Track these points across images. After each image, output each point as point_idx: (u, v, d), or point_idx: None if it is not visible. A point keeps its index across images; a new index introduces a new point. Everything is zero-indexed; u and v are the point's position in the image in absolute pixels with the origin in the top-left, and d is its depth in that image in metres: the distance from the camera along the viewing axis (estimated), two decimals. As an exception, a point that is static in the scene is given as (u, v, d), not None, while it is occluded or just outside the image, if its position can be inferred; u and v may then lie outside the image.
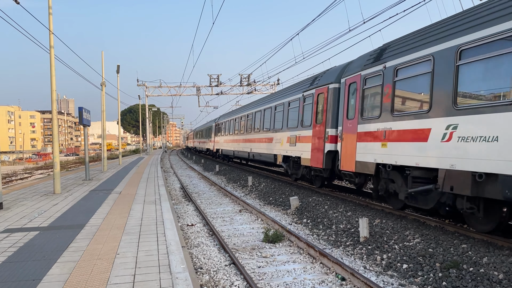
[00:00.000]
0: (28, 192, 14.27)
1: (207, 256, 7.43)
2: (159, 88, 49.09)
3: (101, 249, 6.44)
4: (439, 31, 8.00)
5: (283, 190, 14.86)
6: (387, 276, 6.24)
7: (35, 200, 12.10)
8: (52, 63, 13.55)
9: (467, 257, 6.24)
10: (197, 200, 14.47)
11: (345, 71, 11.97)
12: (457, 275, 5.67)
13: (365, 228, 7.98)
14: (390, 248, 7.21)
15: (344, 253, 7.59)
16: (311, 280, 6.15)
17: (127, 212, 9.73)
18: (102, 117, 25.71)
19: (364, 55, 11.20)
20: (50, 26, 13.67)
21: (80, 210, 10.09)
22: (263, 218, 10.58)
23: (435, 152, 7.71)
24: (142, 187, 15.16)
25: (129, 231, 7.74)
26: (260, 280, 6.21)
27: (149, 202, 11.27)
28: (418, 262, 6.40)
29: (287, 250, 7.79)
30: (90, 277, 5.15)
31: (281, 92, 18.90)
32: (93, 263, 5.71)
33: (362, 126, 10.43)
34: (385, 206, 10.64)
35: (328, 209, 10.72)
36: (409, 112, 8.63)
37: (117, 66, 30.85)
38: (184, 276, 5.16)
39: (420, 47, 8.40)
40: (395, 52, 9.30)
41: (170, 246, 6.60)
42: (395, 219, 9.05)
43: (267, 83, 46.64)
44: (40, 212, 9.93)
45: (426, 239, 7.33)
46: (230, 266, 6.84)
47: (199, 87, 48.86)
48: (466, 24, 7.27)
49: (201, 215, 11.28)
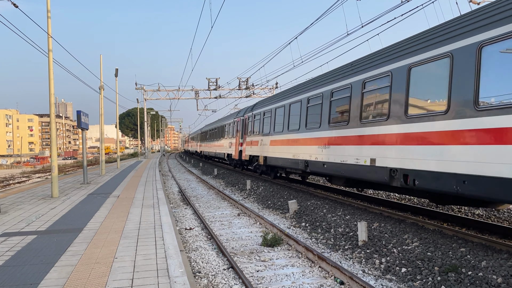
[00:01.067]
0: (26, 195, 14.23)
1: (206, 260, 7.41)
2: (157, 91, 49.16)
3: (99, 253, 6.42)
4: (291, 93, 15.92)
5: (281, 193, 14.85)
6: (386, 280, 6.23)
7: (32, 203, 12.06)
8: (51, 66, 13.55)
9: (466, 260, 6.23)
10: (196, 204, 14.44)
11: (244, 112, 24.19)
12: (455, 279, 5.66)
13: (363, 232, 7.97)
14: (388, 252, 7.20)
15: (343, 256, 7.58)
16: (309, 284, 6.14)
17: (125, 216, 9.71)
18: (100, 120, 25.69)
19: (248, 107, 24.50)
20: (49, 29, 13.68)
21: (78, 214, 10.05)
22: (261, 221, 10.57)
23: (259, 148, 19.52)
24: (140, 190, 15.13)
25: (127, 235, 7.72)
26: (259, 284, 6.19)
27: (147, 206, 11.25)
28: (416, 265, 6.39)
29: (286, 254, 7.77)
30: (88, 281, 5.13)
31: (225, 117, 33.23)
32: (91, 267, 5.69)
33: (249, 137, 21.91)
34: (384, 210, 10.64)
35: (327, 213, 10.71)
36: (256, 134, 20.46)
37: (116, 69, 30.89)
38: (183, 280, 5.15)
39: (270, 105, 18.64)
40: (256, 108, 21.26)
41: (168, 250, 6.58)
42: (394, 223, 9.05)
43: (266, 87, 46.75)
44: (37, 216, 9.89)
45: (424, 242, 7.33)
46: (228, 270, 6.82)
47: (197, 91, 48.96)
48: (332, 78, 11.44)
49: (200, 219, 11.25)
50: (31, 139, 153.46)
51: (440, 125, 7.57)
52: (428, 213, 10.30)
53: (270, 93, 47.58)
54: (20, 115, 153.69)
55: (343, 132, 11.07)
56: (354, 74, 10.82)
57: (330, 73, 12.56)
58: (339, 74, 11.78)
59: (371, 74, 10.03)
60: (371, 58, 10.32)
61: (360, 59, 10.97)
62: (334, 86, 11.79)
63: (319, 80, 13.15)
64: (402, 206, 11.45)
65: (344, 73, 11.45)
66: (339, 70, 11.92)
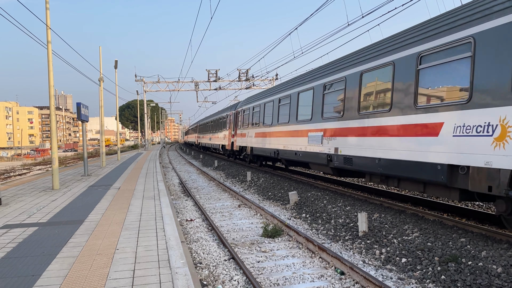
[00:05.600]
0: (27, 188, 14.25)
1: (207, 251, 7.44)
2: (157, 83, 48.98)
3: (101, 245, 6.44)
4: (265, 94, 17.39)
5: (282, 185, 14.87)
6: (386, 270, 6.26)
7: (33, 196, 12.09)
8: (50, 58, 13.49)
9: (466, 250, 6.26)
10: (196, 195, 14.47)
11: (236, 106, 26.47)
12: (455, 269, 5.69)
13: (364, 223, 7.99)
14: (389, 242, 7.23)
15: (343, 247, 7.61)
16: (310, 274, 6.17)
17: (126, 208, 9.73)
18: (100, 112, 25.65)
19: (238, 102, 27.37)
20: (47, 21, 13.58)
21: (79, 206, 10.08)
22: (262, 213, 10.60)
23: (246, 139, 21.83)
24: (141, 182, 15.15)
25: (128, 226, 7.74)
26: (260, 274, 6.22)
27: (148, 198, 11.27)
28: (417, 256, 6.42)
29: (286, 245, 7.80)
30: (89, 272, 5.15)
31: (221, 111, 34.59)
32: (92, 259, 5.71)
33: (239, 130, 24.12)
34: (384, 201, 10.66)
35: (327, 204, 10.73)
36: (244, 126, 22.68)
37: (115, 61, 30.76)
38: (184, 271, 5.17)
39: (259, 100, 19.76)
40: (245, 104, 23.38)
41: (169, 241, 6.60)
42: (394, 214, 9.07)
43: (266, 78, 46.58)
44: (39, 208, 9.92)
45: (424, 233, 7.35)
46: (229, 261, 6.85)
47: (197, 82, 48.79)
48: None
49: (200, 210, 11.29)
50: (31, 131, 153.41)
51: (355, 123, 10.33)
52: (428, 204, 10.34)
53: (270, 84, 47.42)
54: (20, 108, 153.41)
55: (304, 127, 13.62)
56: (315, 80, 13.22)
57: (296, 79, 15.29)
58: (301, 80, 14.55)
59: (327, 80, 12.20)
60: (319, 70, 12.98)
61: (299, 76, 14.84)
62: (300, 89, 14.34)
63: (288, 84, 16.05)
64: (402, 196, 11.48)
65: (305, 79, 14.12)
66: (302, 77, 14.66)
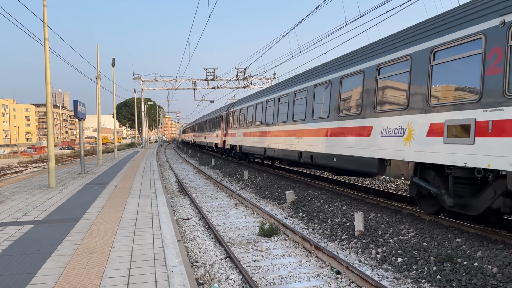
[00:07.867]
0: (23, 185, 14.21)
1: (203, 250, 7.43)
2: (154, 81, 48.88)
3: (96, 243, 6.43)
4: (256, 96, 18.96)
5: (278, 184, 14.88)
6: (382, 270, 6.28)
7: (30, 193, 12.05)
8: (47, 55, 13.44)
9: (461, 251, 6.28)
10: (193, 194, 14.46)
11: (228, 107, 28.04)
12: (451, 269, 5.71)
13: (360, 222, 8.01)
14: (385, 242, 7.24)
15: (339, 247, 7.62)
16: (306, 273, 6.18)
17: (122, 206, 9.71)
18: (98, 110, 25.58)
19: (232, 103, 28.22)
20: (45, 18, 13.53)
21: (75, 204, 10.05)
22: (258, 212, 10.60)
23: (236, 138, 24.05)
24: (137, 181, 15.13)
25: (124, 224, 7.73)
26: (256, 273, 6.23)
27: (144, 196, 11.25)
28: (412, 255, 6.43)
29: (283, 244, 7.81)
30: (85, 270, 5.14)
31: (215, 111, 36.63)
32: (88, 257, 5.70)
33: (230, 130, 26.10)
34: (380, 200, 10.69)
35: (324, 203, 10.75)
36: (235, 126, 24.64)
37: (113, 59, 30.65)
38: (180, 270, 5.17)
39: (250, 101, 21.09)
40: (235, 105, 25.32)
41: (165, 240, 6.60)
42: (390, 213, 9.09)
43: (264, 77, 46.54)
44: (35, 205, 9.88)
45: (420, 233, 7.37)
46: (225, 259, 6.85)
47: (195, 81, 48.69)
48: None
49: (197, 209, 11.28)
50: (28, 129, 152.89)
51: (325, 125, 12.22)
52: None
53: (268, 83, 47.37)
54: (17, 105, 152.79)
55: (284, 127, 15.59)
56: (291, 86, 14.97)
57: (278, 85, 17.43)
58: (281, 86, 16.54)
59: (296, 88, 14.42)
60: (301, 76, 14.82)
61: (284, 81, 16.94)
62: (280, 94, 16.33)
63: (273, 89, 17.92)
64: (398, 196, 11.50)
65: (285, 85, 16.14)
66: (282, 84, 16.69)
